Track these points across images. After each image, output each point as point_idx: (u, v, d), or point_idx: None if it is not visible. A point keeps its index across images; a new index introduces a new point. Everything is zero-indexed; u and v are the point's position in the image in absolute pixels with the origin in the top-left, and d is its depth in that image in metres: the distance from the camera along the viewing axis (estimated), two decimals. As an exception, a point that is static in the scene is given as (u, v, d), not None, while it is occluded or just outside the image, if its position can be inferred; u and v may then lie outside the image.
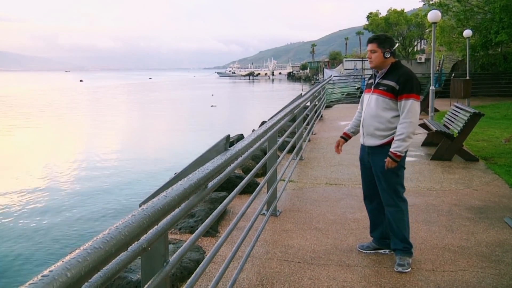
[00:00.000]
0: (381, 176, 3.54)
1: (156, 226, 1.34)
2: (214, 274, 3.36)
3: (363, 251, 3.82)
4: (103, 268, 1.01)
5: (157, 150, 16.82)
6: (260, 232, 3.64)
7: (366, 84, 3.82)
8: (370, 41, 3.56)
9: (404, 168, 3.61)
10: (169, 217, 1.46)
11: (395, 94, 3.42)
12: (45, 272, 0.80)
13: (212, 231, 4.23)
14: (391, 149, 3.41)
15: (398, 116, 3.43)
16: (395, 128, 3.44)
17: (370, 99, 3.59)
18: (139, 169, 13.07)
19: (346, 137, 3.98)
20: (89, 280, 0.93)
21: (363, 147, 3.71)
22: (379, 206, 3.71)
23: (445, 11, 20.14)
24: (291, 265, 3.58)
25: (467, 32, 16.33)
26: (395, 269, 3.46)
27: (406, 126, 3.35)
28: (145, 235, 1.26)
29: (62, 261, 0.85)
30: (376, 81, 3.57)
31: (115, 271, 1.12)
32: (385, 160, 3.42)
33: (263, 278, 3.35)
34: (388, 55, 3.47)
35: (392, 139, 3.44)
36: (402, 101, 3.39)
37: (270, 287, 3.21)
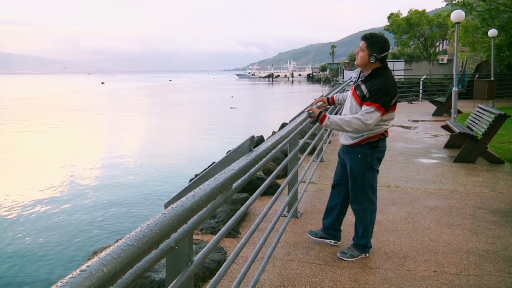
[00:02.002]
0: (350, 175, 3.67)
1: (184, 225, 1.37)
2: (235, 275, 3.39)
3: (312, 236, 4.01)
4: (135, 265, 1.04)
5: (178, 151, 16.98)
6: (281, 233, 3.65)
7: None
8: (362, 38, 3.48)
9: (377, 170, 3.64)
10: (196, 216, 1.49)
11: (364, 102, 3.42)
12: (83, 267, 0.83)
13: (233, 232, 4.26)
14: (328, 113, 3.59)
15: None
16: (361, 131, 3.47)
17: (348, 99, 3.69)
18: (161, 170, 13.23)
19: (331, 101, 4.28)
20: (122, 277, 0.96)
21: (341, 144, 3.81)
22: (339, 196, 3.85)
23: (469, 10, 19.77)
24: (312, 266, 3.57)
25: (492, 32, 16.00)
26: (337, 254, 3.75)
27: (357, 118, 3.34)
28: (174, 234, 1.28)
29: (98, 257, 0.88)
30: (357, 82, 3.58)
31: (145, 269, 1.15)
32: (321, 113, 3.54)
33: (284, 279, 3.36)
34: (373, 60, 3.41)
35: (362, 141, 3.51)
36: (365, 106, 3.38)
37: (292, 288, 3.21)
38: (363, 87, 3.45)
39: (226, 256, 3.73)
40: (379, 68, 3.45)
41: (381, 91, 3.34)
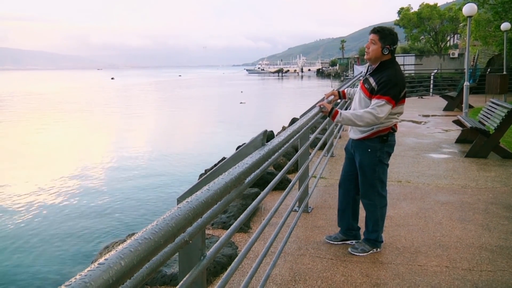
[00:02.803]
0: (359, 169, 3.64)
1: (198, 220, 1.37)
2: (247, 270, 3.40)
3: (331, 242, 3.91)
4: (151, 259, 1.05)
5: (187, 147, 17.05)
6: (292, 228, 3.64)
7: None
8: (373, 31, 3.47)
9: (386, 165, 3.63)
10: (210, 211, 1.49)
11: (373, 95, 3.40)
12: (101, 260, 0.84)
13: (244, 227, 4.27)
14: (340, 109, 3.56)
15: None
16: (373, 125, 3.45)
17: (357, 93, 3.67)
18: (170, 165, 13.29)
19: (341, 94, 4.17)
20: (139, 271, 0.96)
21: (349, 138, 3.78)
22: (348, 195, 3.81)
23: (481, 4, 19.48)
24: (323, 261, 3.57)
25: (505, 25, 15.76)
26: (348, 249, 3.75)
27: (368, 112, 3.33)
28: (189, 228, 1.28)
29: (116, 250, 0.89)
30: (365, 76, 3.56)
31: (160, 263, 1.16)
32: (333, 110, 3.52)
33: (295, 274, 3.36)
34: (386, 52, 3.39)
35: (371, 134, 3.49)
36: (375, 99, 3.36)
37: (303, 283, 3.22)
38: (371, 80, 3.45)
39: (238, 251, 3.74)
40: (387, 61, 3.45)
41: (390, 83, 3.34)
